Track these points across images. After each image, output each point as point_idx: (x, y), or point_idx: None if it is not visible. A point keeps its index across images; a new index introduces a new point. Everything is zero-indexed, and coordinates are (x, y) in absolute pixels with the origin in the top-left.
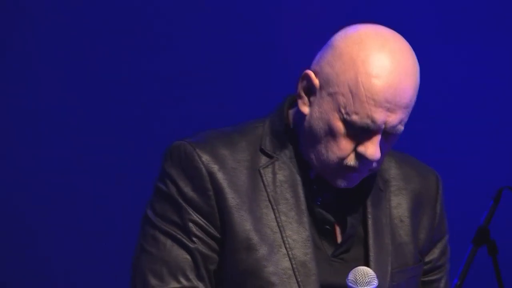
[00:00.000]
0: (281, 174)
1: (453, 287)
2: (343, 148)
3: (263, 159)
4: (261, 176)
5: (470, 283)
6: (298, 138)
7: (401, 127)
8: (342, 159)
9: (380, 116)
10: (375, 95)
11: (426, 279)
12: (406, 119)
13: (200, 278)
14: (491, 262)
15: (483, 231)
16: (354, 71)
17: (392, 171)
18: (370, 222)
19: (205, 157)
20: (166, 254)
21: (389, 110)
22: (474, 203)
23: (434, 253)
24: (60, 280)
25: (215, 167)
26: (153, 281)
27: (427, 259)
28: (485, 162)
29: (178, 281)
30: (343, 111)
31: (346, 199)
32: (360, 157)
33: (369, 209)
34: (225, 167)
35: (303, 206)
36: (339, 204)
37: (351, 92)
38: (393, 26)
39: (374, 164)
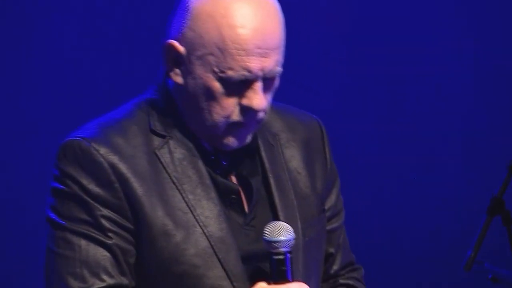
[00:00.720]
0: (178, 152)
1: (467, 259)
2: (226, 106)
3: (156, 140)
4: (159, 158)
5: (484, 254)
6: (182, 112)
7: (278, 69)
8: (228, 117)
9: (256, 64)
10: (244, 45)
11: (329, 227)
12: (281, 59)
13: (123, 273)
14: (505, 232)
15: (497, 201)
16: (216, 27)
17: (277, 124)
18: (272, 181)
19: (103, 150)
20: (83, 254)
21: (262, 55)
22: (489, 173)
23: (332, 200)
24: None
25: (115, 158)
26: (75, 284)
27: (326, 206)
28: (500, 132)
29: (102, 280)
30: (216, 70)
31: (243, 163)
32: (245, 110)
33: (268, 168)
34: (124, 156)
35: (208, 181)
36: (238, 170)
37: (219, 49)
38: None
39: (261, 114)
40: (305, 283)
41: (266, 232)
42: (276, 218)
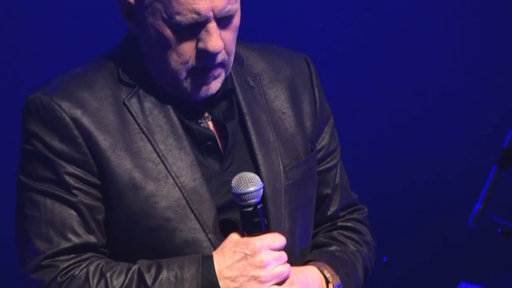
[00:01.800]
0: (148, 101)
1: (475, 212)
2: (182, 52)
3: (125, 90)
4: (128, 108)
5: (493, 207)
6: (146, 63)
7: (233, 7)
8: (186, 63)
9: (203, 5)
10: None
11: (322, 167)
12: None
13: (90, 231)
14: None
15: (507, 152)
16: None
17: (259, 65)
18: (249, 123)
19: (65, 104)
20: (49, 214)
21: None
22: (498, 122)
23: (324, 139)
24: None
25: (77, 112)
26: (42, 245)
27: (318, 146)
28: (509, 81)
29: (68, 240)
30: (165, 16)
31: (219, 108)
32: (203, 53)
33: (245, 110)
34: (88, 109)
35: (180, 130)
36: (214, 115)
37: None
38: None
39: (222, 56)
40: (289, 227)
41: (232, 185)
42: (254, 162)
